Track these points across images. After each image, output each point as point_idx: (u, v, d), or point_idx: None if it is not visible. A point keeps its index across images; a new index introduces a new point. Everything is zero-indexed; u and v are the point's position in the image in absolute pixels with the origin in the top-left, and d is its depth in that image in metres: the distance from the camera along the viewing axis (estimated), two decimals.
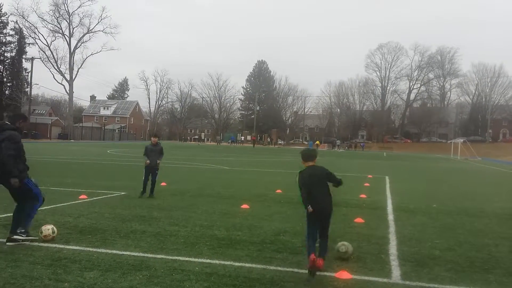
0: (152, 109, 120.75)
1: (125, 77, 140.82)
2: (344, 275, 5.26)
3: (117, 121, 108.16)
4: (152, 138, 11.86)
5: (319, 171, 6.14)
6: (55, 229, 6.48)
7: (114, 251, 5.96)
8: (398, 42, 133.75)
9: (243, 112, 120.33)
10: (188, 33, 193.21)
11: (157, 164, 11.49)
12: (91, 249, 6.02)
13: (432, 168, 32.85)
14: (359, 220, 8.97)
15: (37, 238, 6.28)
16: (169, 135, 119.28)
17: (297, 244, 6.82)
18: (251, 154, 43.81)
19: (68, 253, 5.81)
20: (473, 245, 7.30)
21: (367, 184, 16.64)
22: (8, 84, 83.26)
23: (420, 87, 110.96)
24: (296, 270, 5.48)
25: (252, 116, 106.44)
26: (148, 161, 11.33)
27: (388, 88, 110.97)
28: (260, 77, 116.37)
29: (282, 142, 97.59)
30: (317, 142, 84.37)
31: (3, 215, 7.86)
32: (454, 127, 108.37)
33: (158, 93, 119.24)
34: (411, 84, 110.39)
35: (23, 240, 6.10)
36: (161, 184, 14.09)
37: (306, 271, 5.27)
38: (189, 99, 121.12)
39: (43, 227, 6.45)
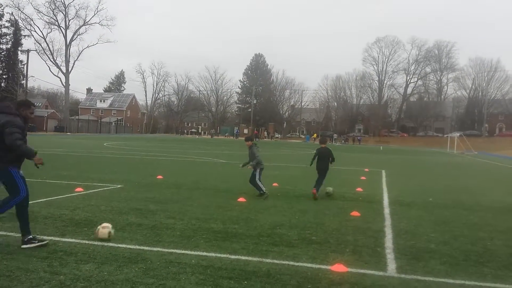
0: (149, 102, 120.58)
1: (122, 70, 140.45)
2: (339, 268, 5.28)
3: (113, 114, 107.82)
4: None
5: (327, 151, 11.61)
6: (112, 232, 6.21)
7: (110, 244, 5.95)
8: (396, 36, 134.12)
9: (240, 105, 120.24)
10: (185, 26, 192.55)
11: None
12: (87, 242, 6.01)
13: (428, 162, 32.94)
14: (355, 213, 8.99)
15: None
16: (166, 128, 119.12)
17: (293, 237, 6.83)
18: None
19: (64, 245, 5.80)
20: (468, 239, 7.33)
21: (363, 178, 16.68)
22: (4, 77, 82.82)
23: (417, 81, 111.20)
24: (292, 263, 5.49)
25: (249, 110, 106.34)
26: None
27: (385, 82, 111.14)
28: (257, 70, 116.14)
29: (279, 135, 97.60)
30: (314, 135, 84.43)
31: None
32: (451, 121, 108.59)
33: (155, 86, 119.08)
34: (408, 78, 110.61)
35: None
36: (158, 177, 14.10)
37: (302, 264, 5.43)
38: (186, 92, 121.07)
39: (101, 228, 6.19)
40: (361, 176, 17.14)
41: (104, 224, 6.28)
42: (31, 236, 5.77)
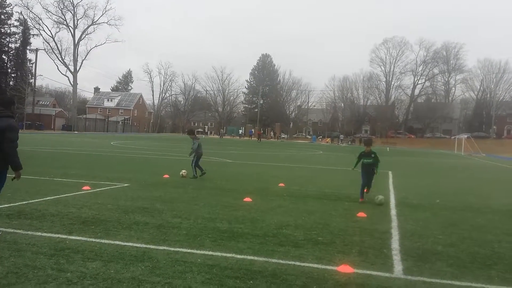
0: (156, 101, 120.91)
1: (129, 69, 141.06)
2: (346, 269, 5.27)
3: (120, 113, 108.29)
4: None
5: (370, 154, 11.10)
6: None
7: (117, 242, 5.98)
8: (403, 36, 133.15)
9: (246, 105, 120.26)
10: (192, 25, 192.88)
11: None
12: (93, 240, 6.04)
13: (435, 163, 32.77)
14: (361, 214, 8.96)
15: (7, 230, 6.21)
16: (173, 127, 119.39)
17: (299, 238, 6.82)
18: (254, 148, 43.81)
19: (71, 243, 5.83)
20: (475, 241, 7.28)
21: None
22: (13, 75, 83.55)
23: (424, 82, 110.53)
24: (298, 263, 5.48)
25: (256, 110, 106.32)
26: None
27: (392, 83, 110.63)
28: (264, 70, 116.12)
29: (285, 136, 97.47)
30: (328, 140, 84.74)
31: (7, 205, 7.88)
32: (458, 123, 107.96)
33: (162, 86, 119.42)
34: (415, 79, 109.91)
35: None
36: (164, 176, 14.15)
37: (308, 264, 5.42)
38: (193, 92, 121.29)
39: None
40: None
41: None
42: None
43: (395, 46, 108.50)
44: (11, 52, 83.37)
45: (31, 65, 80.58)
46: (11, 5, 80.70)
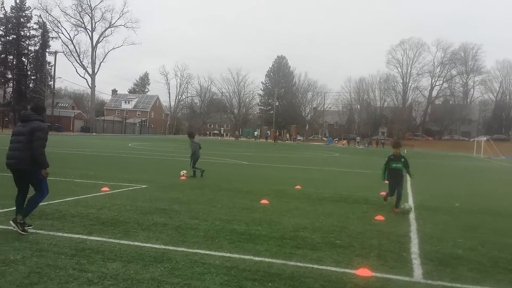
0: (172, 103, 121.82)
1: (146, 72, 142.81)
2: (364, 272, 5.23)
3: (138, 115, 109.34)
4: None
5: (401, 158, 10.22)
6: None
7: (136, 243, 6.04)
8: (420, 37, 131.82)
9: (262, 107, 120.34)
10: (208, 28, 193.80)
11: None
12: (113, 241, 6.11)
13: (454, 166, 32.33)
14: (379, 217, 8.89)
15: (32, 225, 6.47)
16: (189, 129, 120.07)
17: (316, 240, 6.80)
18: (270, 150, 43.80)
19: (91, 244, 5.92)
20: (496, 245, 7.17)
21: (387, 182, 16.44)
22: (32, 78, 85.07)
23: (442, 84, 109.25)
24: (316, 266, 5.47)
25: (271, 112, 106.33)
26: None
27: (409, 84, 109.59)
28: (280, 72, 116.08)
29: (301, 138, 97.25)
30: (344, 142, 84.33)
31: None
32: (477, 125, 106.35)
33: (178, 88, 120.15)
34: (433, 80, 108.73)
35: (20, 229, 6.18)
36: (181, 178, 14.24)
37: (326, 268, 5.42)
38: (209, 94, 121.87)
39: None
40: (385, 180, 16.90)
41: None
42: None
43: (412, 47, 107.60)
44: (31, 55, 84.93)
45: (50, 67, 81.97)
46: (31, 8, 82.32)
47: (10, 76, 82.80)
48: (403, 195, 10.44)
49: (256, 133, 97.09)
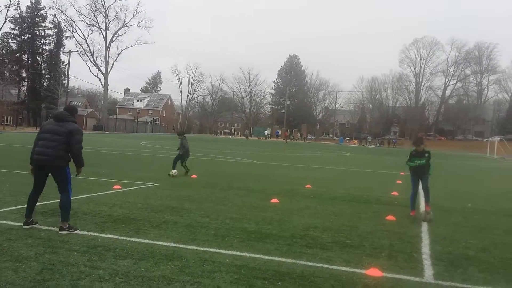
0: (184, 102, 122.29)
1: (158, 71, 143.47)
2: (375, 272, 5.21)
3: (149, 113, 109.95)
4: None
5: (423, 153, 9.56)
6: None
7: (147, 241, 6.09)
8: (434, 36, 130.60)
9: (273, 106, 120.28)
10: (220, 27, 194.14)
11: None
12: (124, 238, 6.17)
13: (467, 166, 32.00)
14: (390, 217, 8.84)
15: (78, 228, 6.50)
16: (200, 128, 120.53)
17: (326, 240, 6.79)
18: (281, 149, 43.76)
19: (103, 241, 5.98)
20: (508, 246, 7.09)
21: (399, 182, 16.37)
22: (47, 76, 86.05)
23: (456, 83, 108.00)
24: (326, 265, 5.46)
25: (283, 111, 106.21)
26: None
27: (422, 84, 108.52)
28: (291, 71, 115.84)
29: (312, 137, 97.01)
30: (355, 141, 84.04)
31: (41, 203, 8.10)
32: (491, 125, 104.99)
33: (190, 87, 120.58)
34: (446, 80, 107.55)
35: (72, 232, 6.33)
36: (192, 176, 14.31)
37: (336, 267, 5.38)
38: (220, 93, 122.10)
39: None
40: (396, 180, 16.82)
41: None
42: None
43: (425, 46, 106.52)
44: (45, 54, 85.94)
45: (64, 66, 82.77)
46: (46, 8, 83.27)
47: (24, 74, 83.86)
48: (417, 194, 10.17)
49: (266, 132, 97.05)
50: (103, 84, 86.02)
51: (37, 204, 6.71)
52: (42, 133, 6.51)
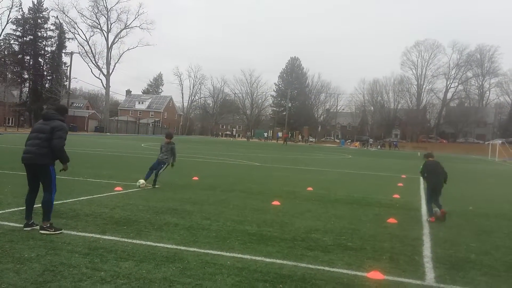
0: (185, 104, 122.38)
1: (160, 72, 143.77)
2: (376, 275, 5.21)
3: (151, 115, 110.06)
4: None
5: (438, 165, 9.85)
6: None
7: (148, 243, 6.09)
8: (436, 39, 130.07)
9: (274, 108, 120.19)
10: (221, 29, 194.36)
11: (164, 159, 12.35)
12: (126, 240, 6.18)
13: (468, 169, 31.95)
14: (392, 220, 8.84)
15: (62, 230, 6.42)
16: (201, 130, 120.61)
17: (328, 243, 6.79)
18: (282, 151, 43.75)
19: (105, 243, 5.98)
20: (510, 249, 7.09)
21: (400, 184, 16.36)
22: (48, 78, 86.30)
23: (457, 86, 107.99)
24: (327, 268, 5.46)
25: (284, 113, 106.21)
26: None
27: (424, 86, 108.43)
28: (293, 73, 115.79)
29: (313, 139, 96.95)
30: (356, 144, 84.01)
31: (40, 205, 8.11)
32: (493, 127, 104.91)
33: (191, 89, 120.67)
34: (448, 82, 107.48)
35: (52, 233, 6.27)
36: (193, 178, 14.31)
37: (338, 270, 5.40)
38: (222, 94, 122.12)
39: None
40: (398, 183, 16.81)
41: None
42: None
43: (427, 49, 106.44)
44: (47, 56, 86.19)
45: (66, 68, 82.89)
46: (48, 9, 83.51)
47: (26, 76, 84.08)
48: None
49: (266, 134, 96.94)
50: (105, 86, 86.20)
51: (36, 206, 6.72)
52: (31, 132, 6.62)
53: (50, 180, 6.47)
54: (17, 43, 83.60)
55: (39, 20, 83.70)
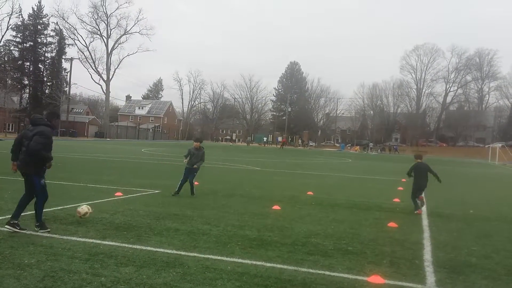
0: (185, 109, 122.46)
1: (160, 78, 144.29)
2: (376, 279, 5.20)
3: (151, 120, 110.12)
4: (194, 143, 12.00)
5: (424, 165, 11.27)
6: (90, 208, 7.67)
7: (149, 248, 6.08)
8: (435, 43, 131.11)
9: (274, 113, 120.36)
10: (221, 34, 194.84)
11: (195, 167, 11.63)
12: (126, 245, 6.17)
13: (468, 173, 31.95)
14: (392, 224, 8.83)
15: (49, 229, 6.68)
16: (201, 135, 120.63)
17: (328, 247, 6.78)
18: (282, 156, 43.76)
19: (105, 248, 5.97)
20: (511, 253, 7.07)
21: (400, 188, 16.34)
22: (48, 84, 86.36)
23: (457, 90, 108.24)
24: (328, 272, 5.45)
25: (284, 118, 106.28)
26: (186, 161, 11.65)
27: (423, 90, 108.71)
28: (292, 78, 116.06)
29: (313, 144, 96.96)
30: (356, 148, 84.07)
31: (43, 210, 8.09)
32: (492, 131, 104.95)
33: (191, 94, 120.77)
34: (447, 86, 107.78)
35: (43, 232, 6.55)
36: (194, 183, 14.28)
37: (338, 274, 5.39)
38: (221, 99, 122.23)
39: (80, 208, 7.61)
40: (398, 187, 16.80)
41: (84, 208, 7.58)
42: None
43: (426, 53, 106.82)
44: (47, 62, 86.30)
45: (66, 74, 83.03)
46: (48, 15, 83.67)
47: (26, 82, 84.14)
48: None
49: (265, 139, 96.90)
50: (105, 91, 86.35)
51: (29, 213, 6.79)
52: (20, 138, 6.79)
53: (35, 190, 6.65)
54: (17, 49, 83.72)
55: (39, 26, 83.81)
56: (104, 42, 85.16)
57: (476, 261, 6.43)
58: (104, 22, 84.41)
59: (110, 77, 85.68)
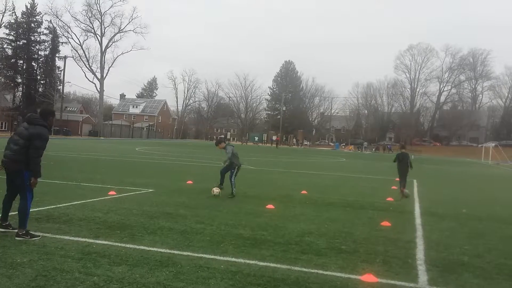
0: (180, 108, 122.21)
1: (154, 76, 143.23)
2: (369, 278, 5.23)
3: (145, 119, 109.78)
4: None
5: (406, 155, 13.56)
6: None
7: (142, 247, 6.07)
8: (429, 43, 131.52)
9: (269, 112, 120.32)
10: (215, 33, 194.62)
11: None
12: (119, 244, 6.15)
13: (461, 172, 32.13)
14: (385, 223, 8.87)
15: (39, 237, 6.29)
16: (196, 134, 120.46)
17: (322, 246, 6.80)
18: (276, 155, 43.79)
19: (98, 247, 5.96)
20: (503, 252, 7.13)
21: (394, 187, 16.40)
22: (42, 82, 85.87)
23: (450, 90, 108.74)
24: (321, 271, 5.47)
25: (278, 117, 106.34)
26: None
27: (417, 90, 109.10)
28: (287, 77, 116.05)
29: (308, 143, 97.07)
30: (350, 147, 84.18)
31: (36, 209, 8.06)
32: (486, 130, 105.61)
33: (186, 93, 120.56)
34: (441, 86, 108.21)
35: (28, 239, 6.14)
36: (187, 182, 14.29)
37: (331, 273, 5.40)
38: (216, 98, 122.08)
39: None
40: (391, 186, 16.86)
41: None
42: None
43: (420, 52, 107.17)
44: (41, 60, 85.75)
45: (59, 72, 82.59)
46: (41, 13, 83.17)
47: (20, 80, 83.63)
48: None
49: (256, 138, 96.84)
50: (99, 90, 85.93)
51: (31, 210, 6.65)
52: (14, 135, 6.50)
53: (24, 186, 6.29)
54: (10, 47, 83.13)
55: (32, 24, 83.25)
56: (98, 40, 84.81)
57: (468, 260, 6.48)
58: (98, 20, 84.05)
59: (104, 76, 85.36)
